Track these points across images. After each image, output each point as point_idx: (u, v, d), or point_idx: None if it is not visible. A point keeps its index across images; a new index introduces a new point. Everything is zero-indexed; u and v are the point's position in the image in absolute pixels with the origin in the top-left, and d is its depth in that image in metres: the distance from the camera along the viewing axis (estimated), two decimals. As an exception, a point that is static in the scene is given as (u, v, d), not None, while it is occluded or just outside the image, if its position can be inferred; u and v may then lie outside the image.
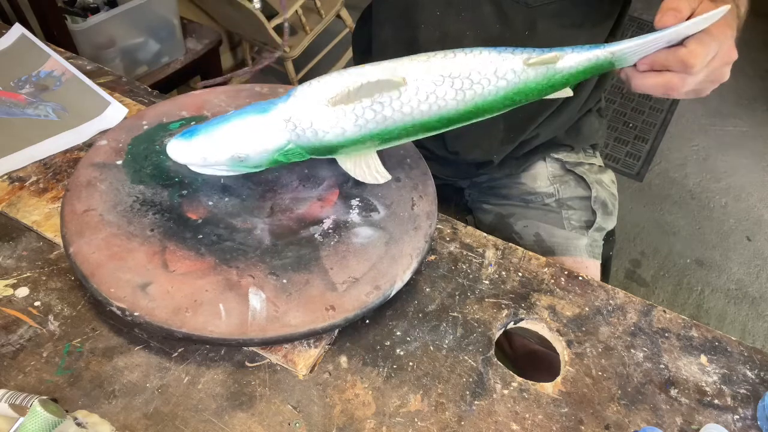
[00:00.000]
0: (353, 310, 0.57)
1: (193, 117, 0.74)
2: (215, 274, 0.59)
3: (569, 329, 0.63)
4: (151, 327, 0.56)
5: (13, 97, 0.82)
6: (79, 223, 0.61)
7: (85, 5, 1.53)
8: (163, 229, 0.62)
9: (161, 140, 0.71)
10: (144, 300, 0.56)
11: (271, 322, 0.56)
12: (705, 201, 2.02)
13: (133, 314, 0.55)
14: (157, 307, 0.56)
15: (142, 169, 0.68)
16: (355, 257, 0.61)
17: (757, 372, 0.61)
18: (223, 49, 2.17)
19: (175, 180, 0.67)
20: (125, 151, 0.69)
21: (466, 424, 0.55)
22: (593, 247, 0.93)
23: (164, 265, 0.59)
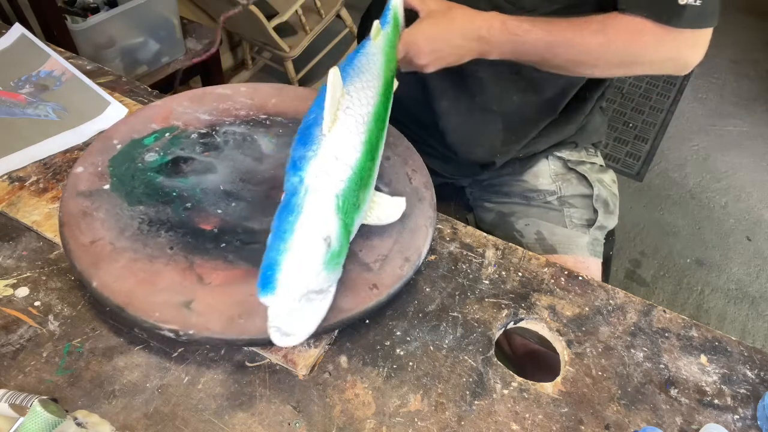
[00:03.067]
0: (393, 285, 0.60)
1: (163, 129, 0.73)
2: (252, 277, 0.58)
3: (569, 329, 0.63)
4: (208, 341, 0.55)
5: (13, 97, 0.82)
6: (91, 255, 0.59)
7: (85, 5, 1.53)
8: (183, 245, 0.61)
9: (141, 157, 0.69)
10: (192, 317, 0.55)
11: (330, 312, 0.56)
12: (705, 201, 2.02)
13: (188, 333, 0.54)
14: (208, 321, 0.55)
15: (135, 190, 0.66)
16: (378, 236, 0.63)
17: (757, 372, 0.61)
18: (223, 49, 2.17)
19: (173, 195, 0.66)
20: (107, 174, 0.67)
21: (466, 424, 0.55)
22: (594, 245, 0.93)
23: (199, 279, 0.58)
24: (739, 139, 2.27)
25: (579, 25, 0.71)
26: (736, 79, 2.51)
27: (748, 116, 2.37)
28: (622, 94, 2.45)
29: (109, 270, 0.58)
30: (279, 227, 0.52)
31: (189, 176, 0.68)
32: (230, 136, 0.74)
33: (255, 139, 0.74)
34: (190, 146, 0.72)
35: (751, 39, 2.69)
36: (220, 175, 0.69)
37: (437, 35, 0.72)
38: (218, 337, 0.55)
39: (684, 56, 0.73)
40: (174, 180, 0.68)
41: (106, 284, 0.57)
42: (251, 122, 0.77)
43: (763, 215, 1.99)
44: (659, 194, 2.04)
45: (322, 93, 0.61)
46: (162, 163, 0.69)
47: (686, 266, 1.82)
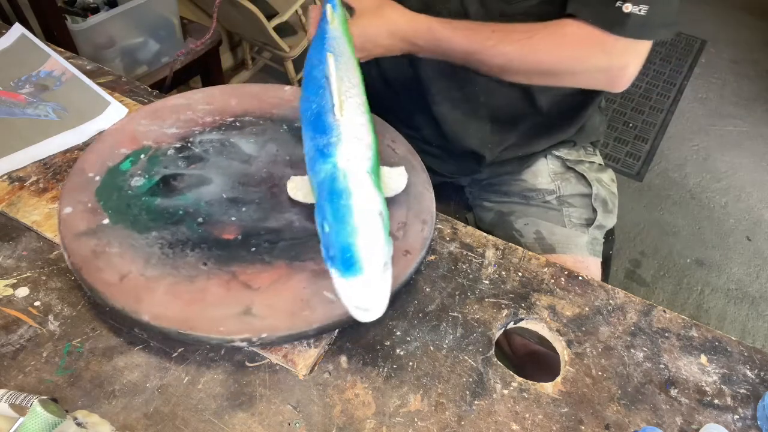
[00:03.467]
0: (422, 248, 0.64)
1: (136, 151, 0.71)
2: (297, 272, 0.60)
3: (569, 329, 0.63)
4: (282, 340, 0.57)
5: (13, 97, 0.82)
6: (128, 290, 0.58)
7: (85, 5, 1.53)
8: (214, 259, 0.61)
9: (127, 184, 0.67)
10: (258, 322, 0.56)
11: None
12: (705, 201, 2.02)
13: (261, 337, 0.55)
14: (276, 321, 0.56)
15: (138, 218, 0.64)
16: (390, 207, 0.64)
17: (757, 372, 0.61)
18: (223, 49, 2.17)
19: (180, 213, 0.65)
20: (99, 208, 0.65)
21: (466, 424, 0.55)
22: (594, 244, 0.93)
23: (246, 286, 0.59)
24: (739, 139, 2.27)
25: (505, 32, 0.71)
26: (736, 79, 2.51)
27: (748, 116, 2.37)
28: (622, 94, 2.45)
29: (154, 300, 0.57)
30: (335, 213, 0.53)
31: (186, 192, 0.67)
32: (207, 144, 0.73)
33: (233, 142, 0.74)
34: (172, 163, 0.70)
35: (751, 39, 2.69)
36: (216, 184, 0.69)
37: (366, 32, 0.73)
38: (288, 333, 0.56)
39: (617, 67, 0.71)
40: (173, 199, 0.66)
41: (157, 315, 0.56)
42: (222, 127, 0.76)
43: (763, 215, 1.99)
44: (659, 194, 2.04)
45: (313, 81, 0.63)
46: (152, 185, 0.68)
47: (686, 266, 1.82)
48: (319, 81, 0.63)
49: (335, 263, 0.51)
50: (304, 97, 0.65)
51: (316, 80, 0.64)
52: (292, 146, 0.74)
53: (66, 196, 0.65)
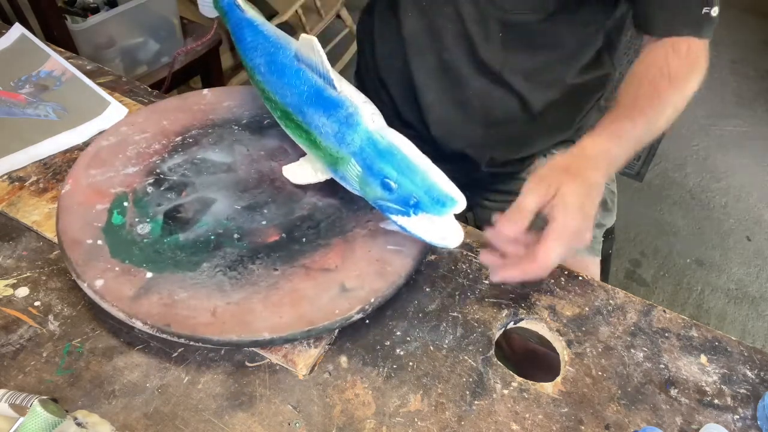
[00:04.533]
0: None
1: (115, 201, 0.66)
2: (353, 241, 0.64)
3: (569, 329, 0.63)
4: (390, 294, 0.60)
5: (13, 97, 0.82)
6: (228, 323, 0.56)
7: (85, 5, 1.53)
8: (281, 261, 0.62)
9: (136, 234, 0.64)
10: (360, 292, 0.59)
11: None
12: (705, 201, 2.02)
13: (371, 302, 0.59)
14: (372, 283, 0.60)
15: (177, 260, 0.62)
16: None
17: (757, 372, 0.61)
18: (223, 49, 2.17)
19: (212, 238, 0.64)
20: (133, 267, 0.61)
21: (466, 424, 0.55)
22: (593, 243, 0.93)
23: (326, 270, 0.61)
24: (739, 139, 2.27)
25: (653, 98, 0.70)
26: (736, 79, 2.51)
27: (748, 116, 2.37)
28: (621, 93, 2.45)
29: (261, 317, 0.57)
30: (398, 168, 0.57)
31: (199, 218, 0.66)
32: (180, 169, 0.71)
33: (202, 158, 0.72)
34: (162, 199, 0.67)
35: (751, 39, 2.69)
36: (221, 201, 0.68)
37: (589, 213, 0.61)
38: (390, 291, 0.60)
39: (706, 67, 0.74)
40: (193, 229, 0.65)
41: (275, 326, 0.56)
42: (178, 148, 0.73)
43: (763, 215, 1.98)
44: (659, 194, 2.04)
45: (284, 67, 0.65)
46: (161, 226, 0.65)
47: (686, 266, 1.82)
48: (293, 65, 0.64)
49: (424, 207, 0.56)
50: (281, 84, 0.65)
51: (287, 65, 0.65)
52: (257, 142, 0.75)
53: (85, 272, 0.59)
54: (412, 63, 0.88)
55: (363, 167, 0.59)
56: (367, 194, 0.61)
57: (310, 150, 0.66)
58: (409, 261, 0.62)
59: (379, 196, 0.59)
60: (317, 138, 0.62)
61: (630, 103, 0.69)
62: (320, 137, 0.62)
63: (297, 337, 0.57)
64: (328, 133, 0.61)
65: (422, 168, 0.57)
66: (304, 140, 0.66)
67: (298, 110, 0.64)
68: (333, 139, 0.60)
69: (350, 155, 0.59)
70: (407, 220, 0.58)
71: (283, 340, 0.56)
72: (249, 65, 0.71)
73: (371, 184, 0.59)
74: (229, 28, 0.75)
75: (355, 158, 0.59)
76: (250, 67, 0.70)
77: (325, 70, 0.60)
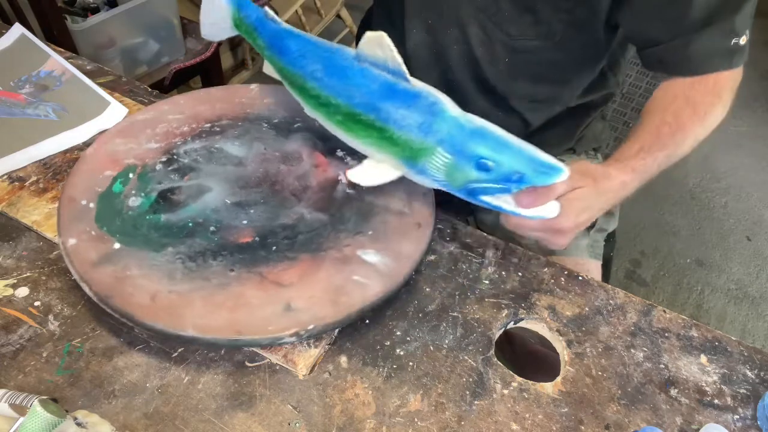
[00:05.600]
0: (432, 217, 0.66)
1: (122, 172, 0.69)
2: (321, 262, 0.61)
3: (569, 329, 0.63)
4: (328, 326, 0.57)
5: (13, 97, 0.82)
6: (162, 309, 0.57)
7: (85, 5, 1.53)
8: (240, 263, 0.61)
9: (125, 206, 0.66)
10: (303, 315, 0.56)
11: (402, 261, 0.62)
12: (705, 201, 2.02)
13: (308, 329, 0.56)
14: (319, 311, 0.57)
15: (149, 237, 0.63)
16: (391, 189, 0.67)
17: (757, 372, 0.61)
18: (223, 49, 2.17)
19: (189, 225, 0.64)
20: (106, 235, 0.63)
21: (466, 424, 0.55)
22: (594, 247, 0.93)
23: (279, 284, 0.59)
24: (739, 139, 2.27)
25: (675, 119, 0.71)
26: (736, 79, 2.51)
27: (748, 116, 2.37)
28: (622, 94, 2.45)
29: (194, 313, 0.56)
30: (495, 147, 0.57)
31: (188, 204, 0.67)
32: (194, 153, 0.72)
33: (220, 148, 0.73)
34: (164, 178, 0.69)
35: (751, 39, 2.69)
36: (216, 191, 0.68)
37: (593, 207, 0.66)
38: (335, 320, 0.57)
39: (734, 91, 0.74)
40: (178, 212, 0.66)
41: (202, 326, 0.55)
42: (202, 134, 0.75)
43: (763, 215, 1.98)
44: (659, 194, 2.04)
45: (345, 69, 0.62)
46: (151, 202, 0.66)
47: (686, 266, 1.82)
48: (354, 66, 0.62)
49: (529, 180, 0.56)
50: (345, 86, 0.63)
51: (348, 67, 0.62)
52: (278, 143, 0.74)
53: (65, 229, 0.63)
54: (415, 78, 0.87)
55: (453, 153, 0.58)
56: (455, 181, 0.60)
57: (381, 149, 0.63)
58: (370, 296, 0.58)
59: (473, 179, 0.59)
60: (395, 133, 0.60)
61: (653, 136, 0.71)
62: (399, 131, 0.60)
63: (220, 344, 0.56)
64: (411, 125, 0.59)
65: (516, 144, 0.58)
66: (375, 139, 0.63)
67: (370, 108, 0.61)
68: (416, 131, 0.59)
69: (436, 144, 0.58)
70: (503, 198, 0.60)
71: (206, 342, 0.56)
72: (298, 73, 0.66)
73: (463, 168, 0.58)
74: (258, 44, 0.70)
75: (443, 146, 0.58)
76: (300, 75, 0.66)
77: (397, 63, 0.59)
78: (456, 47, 0.82)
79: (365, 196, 0.68)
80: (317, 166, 0.71)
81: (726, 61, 0.72)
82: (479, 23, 0.78)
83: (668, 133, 0.70)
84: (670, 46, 0.72)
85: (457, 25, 0.80)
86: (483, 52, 0.81)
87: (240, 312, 0.57)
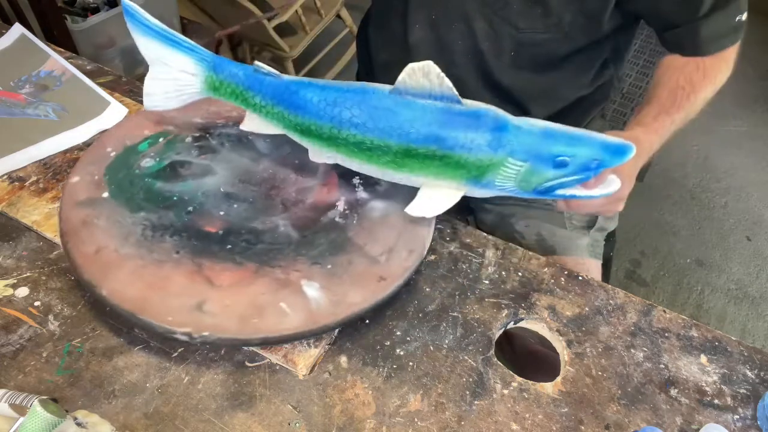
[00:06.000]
0: (401, 276, 0.61)
1: (156, 134, 0.72)
2: (262, 277, 0.59)
3: (569, 329, 0.63)
4: (222, 342, 0.56)
5: (13, 97, 0.82)
6: (98, 264, 0.59)
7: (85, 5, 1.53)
8: (189, 249, 0.61)
9: (137, 164, 0.69)
10: (206, 319, 0.55)
11: (335, 305, 0.57)
12: (705, 201, 2.02)
13: (202, 335, 0.55)
14: (221, 322, 0.55)
15: (134, 197, 0.65)
16: (382, 229, 0.64)
17: (757, 372, 0.61)
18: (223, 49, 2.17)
19: (174, 199, 0.66)
20: (104, 182, 0.66)
21: (466, 424, 0.55)
22: (594, 247, 0.93)
23: (209, 282, 0.59)
24: (739, 139, 2.27)
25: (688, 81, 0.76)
26: (736, 79, 2.51)
27: (748, 116, 2.37)
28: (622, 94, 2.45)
29: (118, 277, 0.58)
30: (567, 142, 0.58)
31: (188, 180, 0.68)
32: (225, 138, 0.74)
33: (251, 140, 0.74)
34: (185, 150, 0.71)
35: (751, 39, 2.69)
36: (219, 177, 0.69)
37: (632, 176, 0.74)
38: (232, 337, 0.55)
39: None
40: (173, 184, 0.67)
41: (116, 291, 0.57)
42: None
43: (763, 215, 1.98)
44: (659, 194, 2.04)
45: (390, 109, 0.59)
46: (159, 168, 0.69)
47: (686, 266, 1.82)
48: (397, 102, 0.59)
49: (607, 163, 0.59)
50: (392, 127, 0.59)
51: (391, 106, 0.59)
52: (304, 151, 0.71)
53: (79, 166, 0.68)
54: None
55: (527, 160, 0.58)
56: (529, 184, 0.60)
57: (440, 176, 0.61)
58: (279, 329, 0.56)
59: (549, 178, 0.59)
60: (461, 157, 0.59)
61: (668, 98, 0.76)
62: (468, 154, 0.59)
63: (121, 314, 0.57)
64: (480, 145, 0.58)
65: (583, 133, 0.59)
66: (435, 168, 0.60)
67: (431, 140, 0.58)
68: (487, 149, 0.58)
69: (507, 156, 0.58)
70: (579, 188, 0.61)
71: (113, 308, 0.57)
72: (328, 125, 0.61)
73: (540, 171, 0.59)
74: (254, 104, 0.65)
75: (515, 156, 0.58)
76: (331, 126, 0.61)
77: (449, 89, 0.58)
78: (461, 42, 0.82)
79: (350, 230, 0.64)
80: (324, 185, 0.69)
81: (733, 38, 0.77)
82: (485, 17, 0.79)
83: (684, 96, 0.75)
84: (686, 30, 0.76)
85: (463, 19, 0.80)
86: (489, 47, 0.81)
87: (155, 292, 0.57)
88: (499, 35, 0.79)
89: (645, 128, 0.73)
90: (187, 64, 0.65)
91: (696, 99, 0.76)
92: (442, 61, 0.86)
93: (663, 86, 0.77)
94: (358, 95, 0.60)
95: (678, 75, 0.77)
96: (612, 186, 0.62)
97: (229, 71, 0.64)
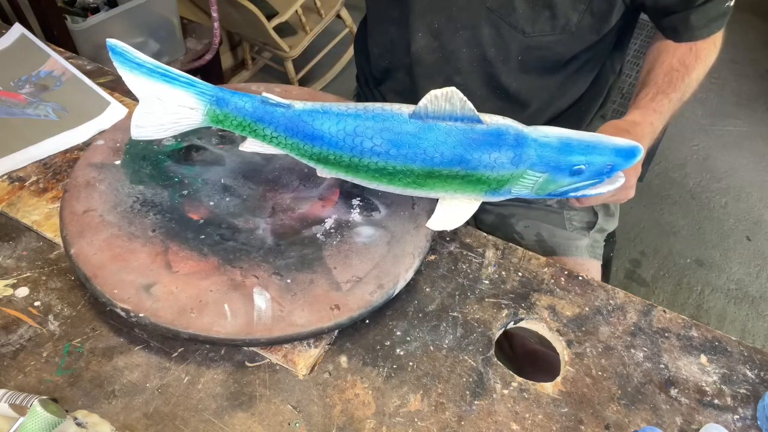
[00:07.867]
0: (357, 310, 0.58)
1: None
2: (219, 274, 0.59)
3: (569, 329, 0.63)
4: (156, 328, 0.56)
5: (13, 97, 0.82)
6: (80, 224, 0.61)
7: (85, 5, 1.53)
8: (165, 230, 0.62)
9: (160, 141, 0.71)
10: (148, 301, 0.56)
11: (276, 322, 0.56)
12: (705, 201, 2.02)
13: (138, 315, 0.55)
14: (161, 308, 0.56)
15: (141, 170, 0.68)
16: (358, 256, 0.62)
17: (757, 372, 0.61)
18: (223, 49, 2.17)
19: (175, 180, 0.67)
20: (123, 151, 0.69)
21: (466, 424, 0.55)
22: (594, 247, 0.93)
23: (167, 266, 0.59)
24: (739, 139, 2.27)
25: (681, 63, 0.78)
26: (736, 79, 2.51)
27: (748, 116, 2.37)
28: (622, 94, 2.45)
29: (92, 240, 0.60)
30: (582, 150, 0.60)
31: (196, 165, 0.70)
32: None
33: None
34: (207, 137, 0.73)
35: (751, 39, 2.69)
36: (225, 168, 0.70)
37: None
38: (164, 326, 0.55)
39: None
40: (180, 166, 0.69)
41: (82, 253, 0.59)
42: None
43: (763, 215, 1.98)
44: (659, 194, 2.04)
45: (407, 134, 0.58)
46: (176, 148, 0.71)
47: (686, 266, 1.82)
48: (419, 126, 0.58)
49: (619, 166, 0.61)
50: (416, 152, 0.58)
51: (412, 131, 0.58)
52: None
53: (109, 132, 0.72)
54: (420, 82, 0.87)
55: (545, 170, 0.60)
56: (545, 191, 0.63)
57: (460, 191, 0.62)
58: (211, 330, 0.55)
59: (565, 185, 0.62)
60: (483, 175, 0.59)
61: (664, 79, 0.77)
62: (491, 172, 0.59)
63: (80, 278, 0.59)
64: (503, 163, 0.59)
65: (595, 139, 0.60)
66: (457, 185, 0.61)
67: (456, 162, 0.58)
68: (509, 166, 0.59)
69: (527, 169, 0.60)
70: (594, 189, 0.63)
71: (75, 269, 0.59)
72: (348, 154, 0.59)
73: (557, 179, 0.61)
74: (263, 134, 0.61)
75: (534, 168, 0.60)
76: (352, 156, 0.59)
77: (470, 110, 0.57)
78: (465, 49, 0.82)
79: (326, 250, 0.62)
80: (322, 199, 0.68)
81: (722, 23, 0.78)
82: (492, 24, 0.78)
83: (679, 77, 0.77)
84: (683, 15, 0.77)
85: (468, 27, 0.80)
86: (495, 53, 0.81)
87: (115, 263, 0.58)
88: (506, 41, 0.79)
89: (643, 110, 0.74)
90: (186, 99, 0.60)
91: (690, 80, 0.77)
92: (446, 69, 0.87)
93: (657, 69, 0.78)
94: (378, 122, 0.58)
95: (671, 58, 0.78)
96: (618, 182, 0.64)
97: (234, 104, 0.60)
